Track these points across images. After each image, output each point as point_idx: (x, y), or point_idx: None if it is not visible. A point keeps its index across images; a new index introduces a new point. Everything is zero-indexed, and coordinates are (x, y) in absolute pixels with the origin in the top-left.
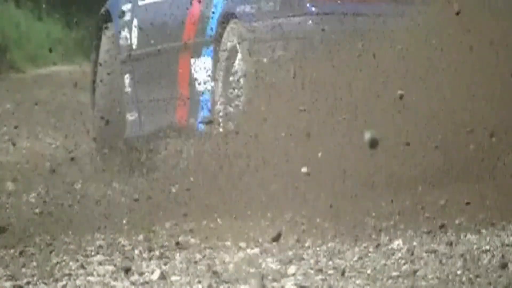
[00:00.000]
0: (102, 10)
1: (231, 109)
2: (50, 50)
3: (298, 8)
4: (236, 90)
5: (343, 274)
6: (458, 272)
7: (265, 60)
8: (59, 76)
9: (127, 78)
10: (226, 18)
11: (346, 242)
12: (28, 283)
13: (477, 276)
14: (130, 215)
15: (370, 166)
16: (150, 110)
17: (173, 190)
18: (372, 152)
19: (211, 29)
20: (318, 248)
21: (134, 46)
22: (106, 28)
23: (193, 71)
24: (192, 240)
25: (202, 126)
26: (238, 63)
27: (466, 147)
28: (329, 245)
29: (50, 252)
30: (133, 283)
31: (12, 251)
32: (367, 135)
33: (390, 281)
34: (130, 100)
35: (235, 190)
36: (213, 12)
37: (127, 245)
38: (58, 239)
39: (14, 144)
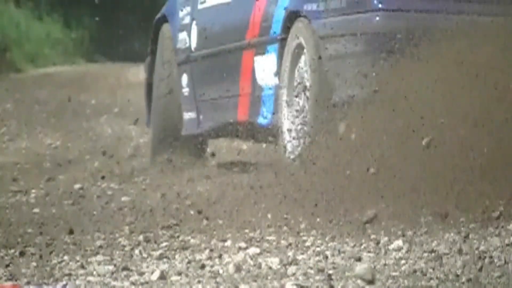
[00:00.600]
0: (159, 15)
1: (297, 107)
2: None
3: (365, 5)
4: (301, 88)
5: (343, 274)
6: (458, 272)
7: (334, 58)
8: (59, 76)
9: (184, 79)
10: (292, 16)
11: (346, 242)
12: (28, 283)
13: (477, 276)
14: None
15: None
16: (209, 109)
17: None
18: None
19: (276, 27)
20: (318, 248)
21: (193, 48)
22: (163, 31)
23: (256, 68)
24: (192, 240)
25: (262, 122)
26: (304, 62)
27: None
28: (329, 245)
29: (50, 252)
30: (133, 283)
31: (12, 251)
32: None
33: (390, 281)
34: (187, 100)
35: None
36: (278, 11)
37: (127, 245)
38: (58, 239)
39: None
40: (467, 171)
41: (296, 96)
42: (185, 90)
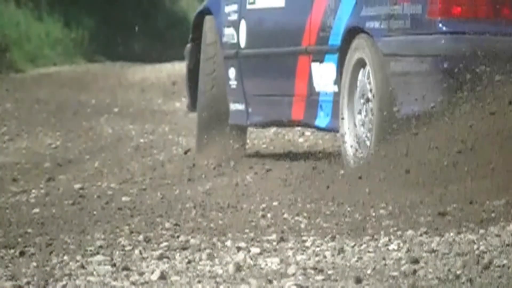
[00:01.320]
0: (201, 7)
1: (360, 107)
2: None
3: (429, 27)
4: (362, 102)
5: (343, 274)
6: (458, 272)
7: (398, 75)
8: (59, 76)
9: (232, 72)
10: (353, 31)
11: (346, 242)
12: (28, 283)
13: (477, 276)
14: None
15: None
16: (260, 104)
17: None
18: None
19: (335, 39)
20: (318, 248)
21: (242, 45)
22: (206, 24)
23: (313, 74)
24: (192, 240)
25: (320, 125)
26: (363, 74)
27: None
28: (329, 245)
29: (50, 252)
30: (133, 283)
31: (12, 251)
32: None
33: (390, 281)
34: (235, 92)
35: None
36: (337, 23)
37: (127, 245)
38: (58, 239)
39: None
40: None
41: (359, 106)
42: (233, 83)
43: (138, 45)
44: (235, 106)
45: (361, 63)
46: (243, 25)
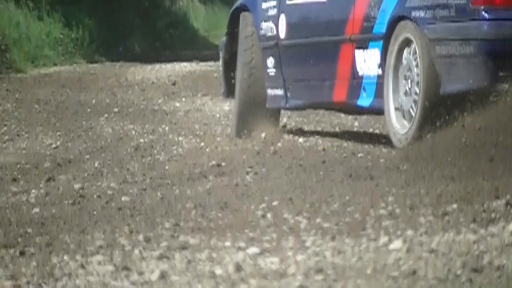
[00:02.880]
0: (237, 4)
1: (406, 87)
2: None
3: (474, 14)
4: (408, 81)
5: (343, 274)
6: (458, 272)
7: (443, 57)
8: (59, 76)
9: (270, 61)
10: (398, 19)
11: (346, 242)
12: (28, 283)
13: (477, 276)
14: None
15: None
16: (300, 88)
17: None
18: None
19: (379, 28)
20: (318, 248)
21: (282, 36)
22: (244, 20)
23: (356, 59)
24: (192, 240)
25: (362, 104)
26: (410, 53)
27: None
28: (329, 245)
29: (50, 252)
30: (133, 283)
31: (12, 251)
32: None
33: (390, 281)
34: (273, 79)
35: None
36: (382, 14)
37: (127, 245)
38: (58, 239)
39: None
40: None
41: (404, 85)
42: (271, 71)
43: (138, 45)
44: (273, 92)
45: (406, 42)
46: (282, 18)
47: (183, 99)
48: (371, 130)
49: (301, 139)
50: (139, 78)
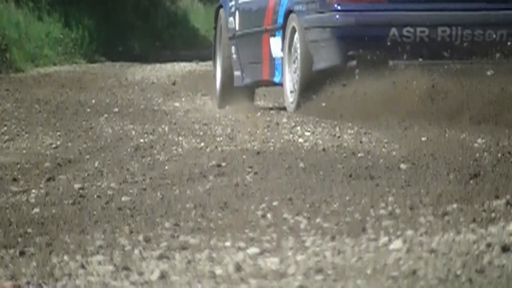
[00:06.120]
0: (218, 5)
1: (294, 66)
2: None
3: (330, 7)
4: (296, 57)
5: (343, 274)
6: (458, 272)
7: (312, 41)
8: (59, 76)
9: (233, 49)
10: (289, 13)
11: (346, 242)
12: (28, 283)
13: (477, 276)
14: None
15: None
16: (248, 70)
17: None
18: None
19: (280, 19)
20: (318, 248)
21: (237, 29)
22: (220, 15)
23: (271, 45)
24: (192, 240)
25: (276, 81)
26: (295, 43)
27: None
28: (329, 245)
29: (50, 252)
30: (133, 283)
31: (12, 251)
32: None
33: (390, 281)
34: (235, 63)
35: None
36: (281, 8)
37: (127, 245)
38: (58, 239)
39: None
40: None
41: (292, 64)
42: (234, 56)
43: (138, 45)
44: (237, 73)
45: (294, 31)
46: (237, 14)
47: (183, 99)
48: (370, 130)
49: (301, 139)
50: (139, 78)
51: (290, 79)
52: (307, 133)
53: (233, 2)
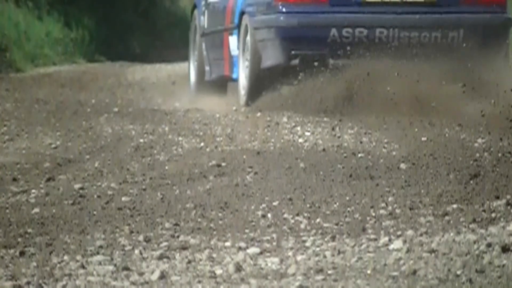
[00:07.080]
0: (192, 5)
1: (246, 63)
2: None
3: (275, 9)
4: (247, 54)
5: (343, 274)
6: (458, 272)
7: (260, 41)
8: (59, 76)
9: (203, 46)
10: (242, 13)
11: (346, 242)
12: (28, 283)
13: (477, 276)
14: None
15: None
16: (214, 66)
17: None
18: None
19: (237, 19)
20: (318, 248)
21: (206, 27)
22: (194, 14)
23: (230, 44)
24: (192, 240)
25: (234, 77)
26: (247, 41)
27: None
28: (329, 245)
29: (50, 252)
30: (133, 283)
31: (12, 251)
32: None
33: (390, 281)
34: (205, 59)
35: None
36: (237, 9)
37: (127, 245)
38: (58, 239)
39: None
40: None
41: (245, 62)
42: (204, 53)
43: (138, 45)
44: (206, 68)
45: (246, 30)
46: (206, 13)
47: (183, 99)
48: (370, 130)
49: (301, 139)
50: (139, 78)
51: (243, 75)
52: (307, 133)
53: (203, 2)
